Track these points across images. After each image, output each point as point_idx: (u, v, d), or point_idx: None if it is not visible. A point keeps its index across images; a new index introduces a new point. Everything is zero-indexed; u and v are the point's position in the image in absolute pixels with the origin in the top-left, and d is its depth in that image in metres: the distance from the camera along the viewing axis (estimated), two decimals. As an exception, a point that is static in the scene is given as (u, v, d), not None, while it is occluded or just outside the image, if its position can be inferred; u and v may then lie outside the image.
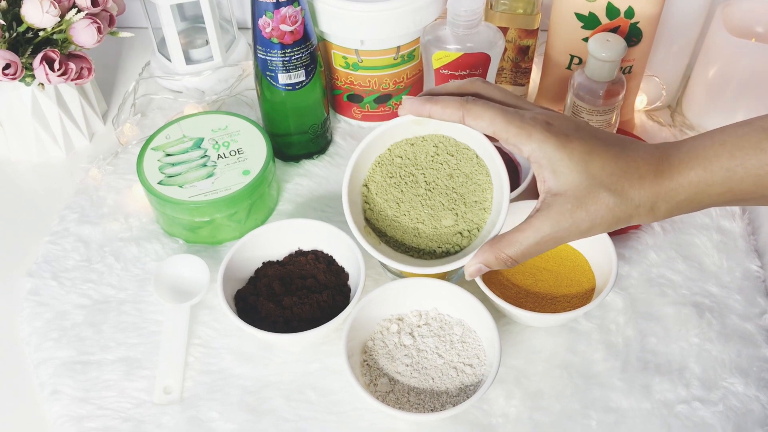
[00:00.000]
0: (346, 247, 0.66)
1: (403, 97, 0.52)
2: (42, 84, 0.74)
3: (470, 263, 0.51)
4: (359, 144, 0.54)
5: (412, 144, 0.55)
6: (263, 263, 0.68)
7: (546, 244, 0.49)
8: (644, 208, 0.47)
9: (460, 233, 0.54)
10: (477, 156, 0.54)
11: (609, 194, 0.47)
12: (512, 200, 0.68)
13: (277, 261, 0.69)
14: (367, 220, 0.56)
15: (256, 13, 0.69)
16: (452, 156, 0.55)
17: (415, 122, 0.54)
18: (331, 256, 0.68)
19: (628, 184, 0.47)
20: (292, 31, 0.70)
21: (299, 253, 0.69)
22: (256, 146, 0.74)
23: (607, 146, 0.48)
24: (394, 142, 0.56)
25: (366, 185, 0.56)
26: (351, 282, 0.66)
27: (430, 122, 0.54)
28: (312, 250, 0.69)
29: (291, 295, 0.64)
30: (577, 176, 0.47)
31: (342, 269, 0.67)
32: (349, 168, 0.54)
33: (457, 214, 0.54)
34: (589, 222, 0.48)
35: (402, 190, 0.55)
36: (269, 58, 0.72)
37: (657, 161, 0.47)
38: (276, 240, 0.68)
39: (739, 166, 0.45)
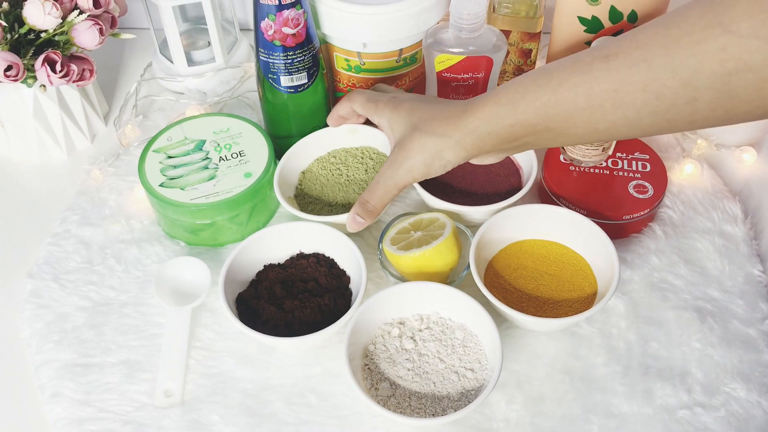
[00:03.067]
0: (348, 251, 0.66)
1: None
2: (44, 85, 0.74)
3: (348, 218, 0.64)
4: (301, 139, 0.75)
5: (347, 151, 0.76)
6: (264, 266, 0.68)
7: (387, 186, 0.62)
8: (451, 141, 0.58)
9: None
10: None
11: (420, 133, 0.59)
12: (513, 204, 0.68)
13: (279, 264, 0.69)
14: (295, 196, 0.74)
15: (258, 15, 0.69)
16: (372, 159, 0.75)
17: (349, 131, 0.75)
18: (332, 260, 0.68)
19: (437, 123, 0.59)
20: (294, 34, 0.70)
21: (301, 256, 0.69)
22: (257, 148, 0.74)
23: (430, 104, 0.61)
24: (333, 149, 0.77)
25: (303, 173, 0.76)
26: (352, 285, 0.66)
27: (361, 134, 0.75)
28: (313, 254, 0.69)
29: (292, 299, 0.64)
30: (403, 127, 0.61)
31: (343, 272, 0.67)
32: (288, 155, 0.74)
33: None
34: (405, 157, 0.60)
35: (328, 179, 0.74)
36: (271, 60, 0.71)
37: (464, 105, 0.58)
38: (277, 243, 0.68)
39: (520, 99, 0.53)
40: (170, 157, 0.73)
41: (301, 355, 0.65)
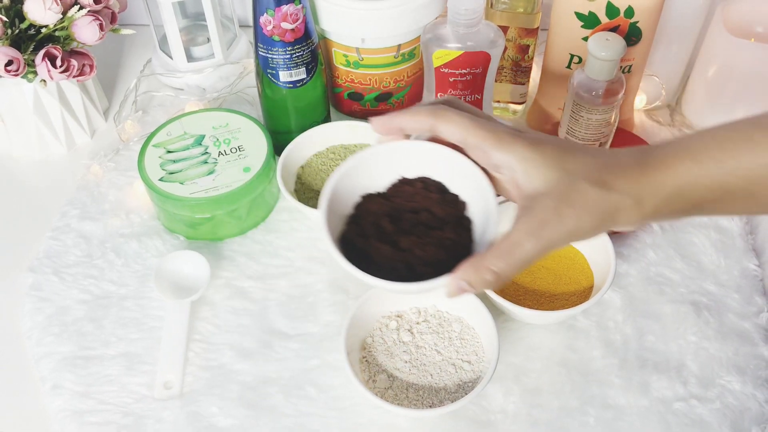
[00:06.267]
0: (461, 170, 0.50)
1: (371, 117, 0.50)
2: (44, 81, 0.75)
3: (451, 282, 0.45)
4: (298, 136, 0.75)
5: (345, 147, 0.77)
6: (362, 197, 0.52)
7: (534, 252, 0.43)
8: (630, 201, 0.44)
9: None
10: None
11: (591, 185, 0.43)
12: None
13: (379, 193, 0.52)
14: (295, 191, 0.75)
15: (257, 10, 0.69)
16: None
17: (349, 127, 0.76)
18: (441, 183, 0.52)
19: (612, 175, 0.44)
20: (293, 29, 0.70)
21: (404, 182, 0.52)
22: (256, 143, 0.74)
23: (581, 147, 0.46)
24: (332, 144, 0.77)
25: (302, 167, 0.76)
26: (470, 212, 0.50)
27: (361, 131, 0.75)
28: (419, 178, 0.52)
29: (408, 234, 0.49)
30: (553, 173, 0.44)
31: (456, 197, 0.51)
32: (288, 149, 0.75)
33: None
34: (575, 217, 0.43)
35: (329, 174, 0.73)
36: (270, 55, 0.72)
37: (640, 155, 0.45)
38: (375, 168, 0.52)
39: (731, 158, 0.43)
40: (170, 151, 0.74)
41: (300, 348, 0.65)
